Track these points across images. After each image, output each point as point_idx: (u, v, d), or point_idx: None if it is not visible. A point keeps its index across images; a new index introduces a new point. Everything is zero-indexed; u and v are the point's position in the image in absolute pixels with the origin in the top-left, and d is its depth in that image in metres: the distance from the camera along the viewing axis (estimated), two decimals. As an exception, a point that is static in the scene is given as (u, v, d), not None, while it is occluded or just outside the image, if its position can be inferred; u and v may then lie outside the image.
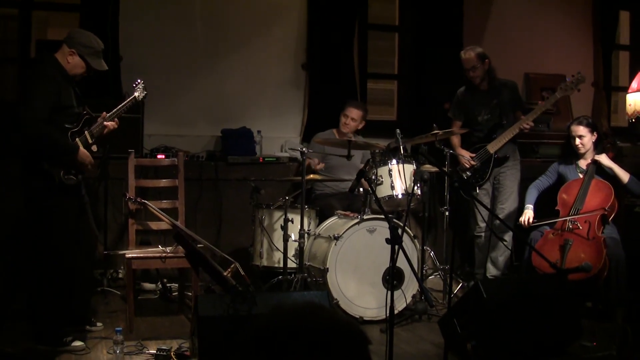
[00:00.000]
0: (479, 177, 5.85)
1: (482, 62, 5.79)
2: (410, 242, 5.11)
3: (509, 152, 5.86)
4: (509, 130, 5.72)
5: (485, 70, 5.82)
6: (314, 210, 5.54)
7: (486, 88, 5.88)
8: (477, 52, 5.80)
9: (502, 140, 5.74)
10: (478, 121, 5.91)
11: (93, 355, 4.21)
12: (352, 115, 6.01)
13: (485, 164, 5.81)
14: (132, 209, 5.13)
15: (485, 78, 5.85)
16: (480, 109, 5.90)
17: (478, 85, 5.87)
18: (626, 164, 5.64)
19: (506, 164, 5.86)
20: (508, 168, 5.88)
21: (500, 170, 5.88)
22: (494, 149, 5.77)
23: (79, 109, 4.36)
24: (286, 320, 1.36)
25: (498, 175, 5.90)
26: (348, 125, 6.01)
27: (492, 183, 5.93)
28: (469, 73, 5.83)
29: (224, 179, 6.15)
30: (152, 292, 5.76)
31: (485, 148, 5.79)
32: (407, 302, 5.03)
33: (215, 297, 3.85)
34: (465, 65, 5.83)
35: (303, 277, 5.09)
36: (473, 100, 5.95)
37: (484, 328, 3.88)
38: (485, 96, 5.88)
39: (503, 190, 5.88)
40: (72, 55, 4.28)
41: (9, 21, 7.34)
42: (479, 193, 5.86)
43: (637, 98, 5.94)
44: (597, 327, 4.69)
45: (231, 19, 6.55)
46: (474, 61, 5.78)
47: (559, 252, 5.08)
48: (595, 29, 7.72)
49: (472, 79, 5.84)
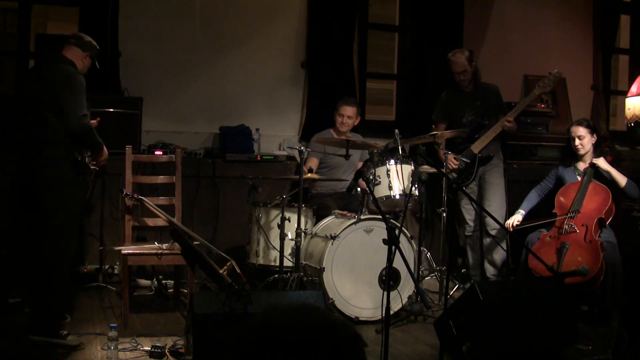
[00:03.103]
0: (465, 178, 5.90)
1: (471, 65, 5.86)
2: (407, 243, 5.10)
3: (493, 151, 5.92)
4: (492, 130, 5.78)
5: (472, 72, 5.88)
6: (311, 209, 5.53)
7: (471, 90, 5.94)
8: (466, 55, 5.88)
9: (486, 140, 5.81)
10: (462, 122, 5.97)
11: (87, 351, 4.20)
12: (348, 113, 5.98)
13: (470, 164, 5.84)
14: (128, 205, 5.12)
15: (472, 80, 5.91)
16: (465, 110, 5.98)
17: (465, 87, 5.90)
18: (624, 167, 5.65)
19: (490, 163, 5.90)
20: (492, 167, 5.97)
21: (485, 169, 5.94)
22: (477, 148, 5.83)
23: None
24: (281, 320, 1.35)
25: (483, 175, 5.97)
26: (345, 124, 5.98)
27: (478, 183, 5.97)
28: (460, 76, 5.88)
29: (221, 177, 6.13)
30: (147, 288, 5.75)
31: (469, 148, 5.83)
32: (403, 302, 5.03)
33: (210, 295, 3.84)
34: (456, 69, 5.88)
35: (299, 276, 5.08)
36: (457, 102, 6.03)
37: (480, 330, 3.87)
38: (470, 98, 5.97)
39: (488, 188, 5.94)
40: (87, 58, 4.62)
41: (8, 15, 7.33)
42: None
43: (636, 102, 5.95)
44: (593, 331, 4.69)
45: (231, 16, 6.53)
46: (465, 65, 5.83)
47: (555, 256, 5.08)
48: (595, 32, 7.71)
49: (462, 82, 5.90)
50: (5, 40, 7.43)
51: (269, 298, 3.91)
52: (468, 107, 5.95)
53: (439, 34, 6.98)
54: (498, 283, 5.51)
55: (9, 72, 6.39)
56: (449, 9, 7.05)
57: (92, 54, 4.64)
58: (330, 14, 6.66)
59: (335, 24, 6.70)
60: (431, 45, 6.97)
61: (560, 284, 4.42)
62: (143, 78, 5.98)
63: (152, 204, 5.01)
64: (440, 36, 6.97)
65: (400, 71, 7.42)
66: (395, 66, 7.53)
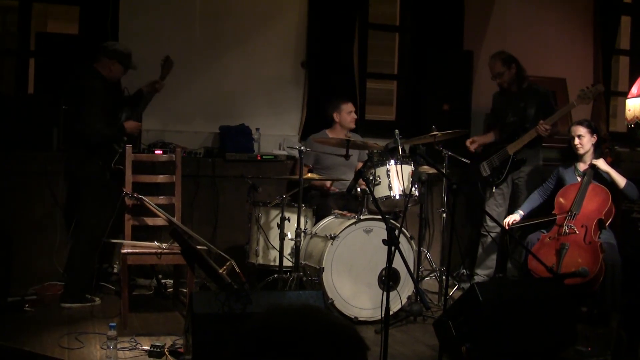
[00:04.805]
0: (496, 177, 5.92)
1: (509, 67, 5.89)
2: (407, 243, 5.10)
3: (529, 156, 5.89)
4: (528, 134, 5.77)
5: (513, 74, 5.90)
6: (311, 209, 5.53)
7: (516, 90, 5.94)
8: (502, 58, 5.91)
9: (521, 143, 5.82)
10: (505, 123, 6.02)
11: (86, 350, 4.20)
12: (351, 108, 6.15)
13: (503, 164, 5.86)
14: (128, 204, 5.12)
15: (515, 81, 5.91)
16: (508, 111, 6.00)
17: (507, 88, 5.96)
18: (624, 169, 5.64)
19: (524, 169, 5.89)
20: (526, 173, 5.92)
21: (519, 175, 5.92)
22: (512, 150, 5.85)
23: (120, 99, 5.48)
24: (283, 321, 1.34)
25: (517, 180, 5.94)
26: (353, 119, 6.13)
27: (512, 186, 5.96)
28: (496, 79, 5.91)
29: (221, 176, 6.13)
30: (146, 287, 5.74)
31: (505, 148, 5.85)
32: (403, 303, 5.03)
33: (210, 295, 3.84)
34: (491, 72, 5.90)
35: (299, 276, 5.08)
36: (503, 102, 6.09)
37: (479, 331, 3.87)
38: (514, 99, 5.97)
39: (521, 196, 5.93)
40: (114, 65, 5.28)
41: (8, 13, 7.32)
42: (494, 193, 5.92)
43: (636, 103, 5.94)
44: (592, 332, 4.69)
45: (231, 15, 6.52)
46: (499, 68, 5.90)
47: (555, 257, 5.08)
48: (595, 33, 7.70)
49: (501, 84, 5.98)
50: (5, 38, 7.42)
51: (268, 298, 3.91)
52: (512, 108, 5.98)
53: (440, 35, 6.97)
54: (498, 284, 5.51)
55: (9, 71, 6.38)
56: (450, 10, 7.04)
57: (119, 59, 5.27)
58: (331, 13, 6.66)
59: (335, 23, 6.69)
60: (431, 45, 6.96)
61: (559, 285, 4.42)
62: (143, 77, 5.97)
63: (152, 203, 5.00)
64: (441, 36, 6.97)
65: (400, 71, 7.42)
66: (395, 66, 7.52)
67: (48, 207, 5.71)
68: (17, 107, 5.71)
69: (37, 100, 5.78)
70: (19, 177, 5.65)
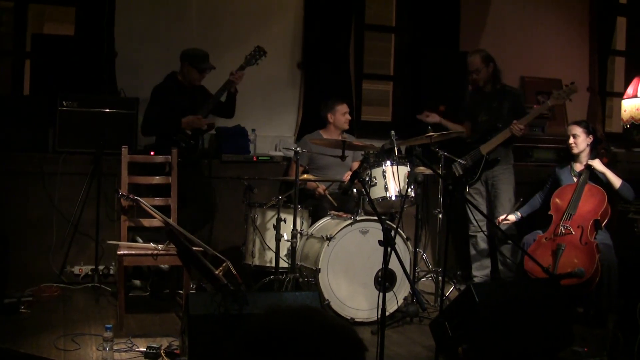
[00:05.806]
0: (469, 177, 5.89)
1: (487, 65, 5.87)
2: (403, 244, 5.10)
3: (501, 155, 5.87)
4: (502, 134, 5.76)
5: (489, 73, 5.89)
6: (307, 210, 5.53)
7: (490, 90, 5.94)
8: (482, 55, 5.88)
9: (494, 143, 5.79)
10: (477, 122, 6.00)
11: (82, 352, 4.19)
12: (346, 109, 6.14)
13: (476, 164, 5.85)
14: (124, 206, 5.10)
15: (490, 81, 5.91)
16: (480, 110, 5.98)
17: (482, 87, 5.93)
18: (620, 169, 5.65)
19: (497, 168, 5.88)
20: (500, 172, 5.91)
21: (493, 174, 5.90)
22: (485, 150, 5.81)
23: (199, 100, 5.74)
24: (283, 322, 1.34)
25: (492, 180, 5.93)
26: (348, 120, 6.14)
27: (487, 186, 5.95)
28: (472, 75, 5.89)
29: (217, 177, 6.12)
30: (143, 289, 5.73)
31: (478, 149, 5.84)
32: (399, 304, 5.02)
33: (206, 296, 3.84)
34: (469, 68, 5.90)
35: (295, 277, 5.08)
36: (476, 101, 6.06)
37: (476, 332, 3.87)
38: (487, 98, 5.95)
39: (499, 195, 5.91)
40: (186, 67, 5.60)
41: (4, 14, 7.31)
42: (469, 192, 5.92)
43: (632, 104, 5.96)
44: (588, 333, 4.70)
45: (227, 16, 6.52)
46: (478, 64, 5.86)
47: (551, 257, 5.08)
48: (592, 34, 7.73)
49: (475, 81, 5.92)
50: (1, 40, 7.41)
51: (264, 299, 3.90)
52: (484, 108, 5.96)
53: (436, 35, 6.99)
54: (494, 285, 5.52)
55: (5, 73, 6.37)
56: (446, 10, 7.05)
57: (189, 62, 5.58)
58: (327, 14, 6.67)
59: (331, 24, 6.70)
60: (428, 46, 6.97)
61: (555, 285, 4.43)
62: (139, 78, 5.97)
63: (147, 204, 4.99)
64: (437, 37, 6.98)
65: (396, 72, 7.42)
66: (391, 67, 7.52)
67: (44, 208, 5.70)
68: (13, 108, 5.72)
69: (33, 101, 5.79)
70: (15, 178, 5.65)
